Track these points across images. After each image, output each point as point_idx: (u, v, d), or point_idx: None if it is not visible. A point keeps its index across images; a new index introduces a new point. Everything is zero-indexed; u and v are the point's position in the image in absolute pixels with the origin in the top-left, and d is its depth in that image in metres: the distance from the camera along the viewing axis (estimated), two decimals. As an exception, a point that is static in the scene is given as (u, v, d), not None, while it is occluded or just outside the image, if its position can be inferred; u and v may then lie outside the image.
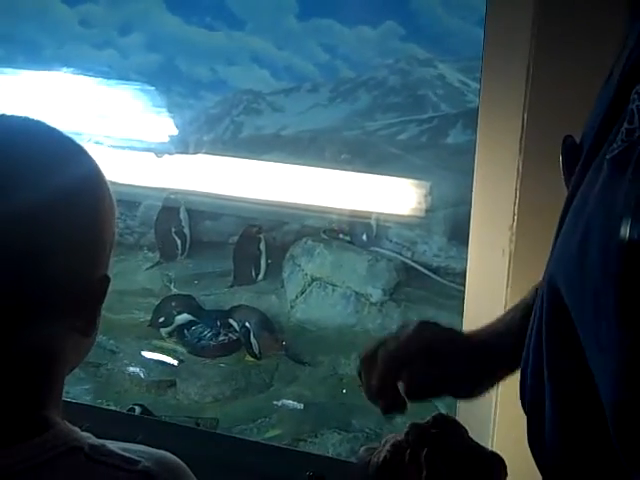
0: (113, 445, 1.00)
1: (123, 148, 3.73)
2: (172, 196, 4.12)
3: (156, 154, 3.79)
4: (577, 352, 0.82)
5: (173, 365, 3.70)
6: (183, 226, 4.24)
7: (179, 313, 3.89)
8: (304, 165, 3.63)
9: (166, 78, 4.16)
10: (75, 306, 0.97)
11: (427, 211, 3.73)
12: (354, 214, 3.89)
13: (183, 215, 4.22)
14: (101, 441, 1.00)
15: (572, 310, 0.83)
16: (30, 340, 0.94)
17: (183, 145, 3.87)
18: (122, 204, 3.99)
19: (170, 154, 3.79)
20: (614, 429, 0.77)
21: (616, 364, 0.75)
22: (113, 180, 1.01)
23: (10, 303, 0.90)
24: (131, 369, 3.68)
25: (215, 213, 4.26)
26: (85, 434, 1.00)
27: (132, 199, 4.24)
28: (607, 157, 0.81)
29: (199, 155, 3.84)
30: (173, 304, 3.91)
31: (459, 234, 3.60)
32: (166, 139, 3.87)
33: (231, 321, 3.82)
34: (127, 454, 0.98)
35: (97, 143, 3.57)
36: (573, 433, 0.89)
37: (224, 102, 4.33)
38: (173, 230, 4.24)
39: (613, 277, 0.74)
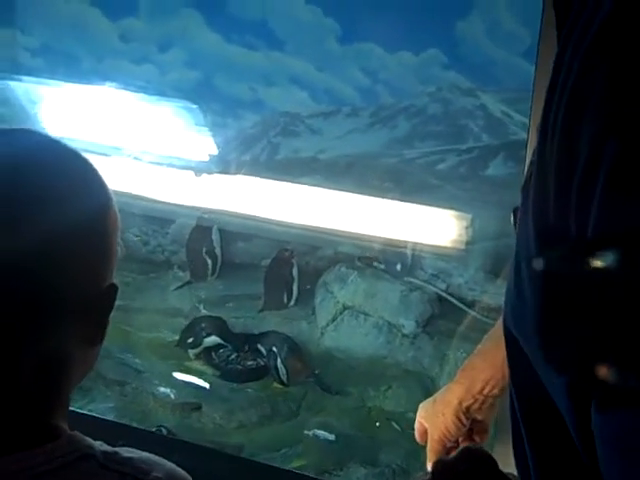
0: (126, 453, 1.03)
1: (159, 164, 3.69)
2: (205, 215, 4.10)
3: (195, 172, 3.75)
4: (548, 405, 0.79)
5: (199, 388, 3.69)
6: (215, 246, 4.23)
7: (208, 335, 3.89)
8: (340, 190, 3.58)
9: (204, 96, 4.16)
10: (85, 316, 1.00)
11: (464, 243, 3.66)
12: (389, 242, 3.83)
13: (215, 235, 4.21)
14: (114, 449, 1.03)
15: (523, 346, 0.81)
16: (41, 349, 0.97)
17: (219, 165, 3.83)
18: (155, 221, 4.22)
19: (207, 173, 3.76)
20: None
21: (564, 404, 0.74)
22: (148, 196, 1.00)
23: (22, 313, 0.94)
24: (156, 389, 3.67)
25: (248, 234, 4.26)
26: (97, 442, 1.03)
27: (165, 216, 4.26)
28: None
29: (234, 175, 3.82)
30: (202, 325, 3.92)
31: (496, 268, 3.60)
32: (202, 158, 3.81)
33: (259, 346, 3.83)
34: (139, 463, 1.02)
35: (135, 159, 3.57)
36: None
37: (262, 123, 4.34)
38: (204, 250, 4.23)
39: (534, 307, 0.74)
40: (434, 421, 1.52)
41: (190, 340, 3.91)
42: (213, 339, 3.90)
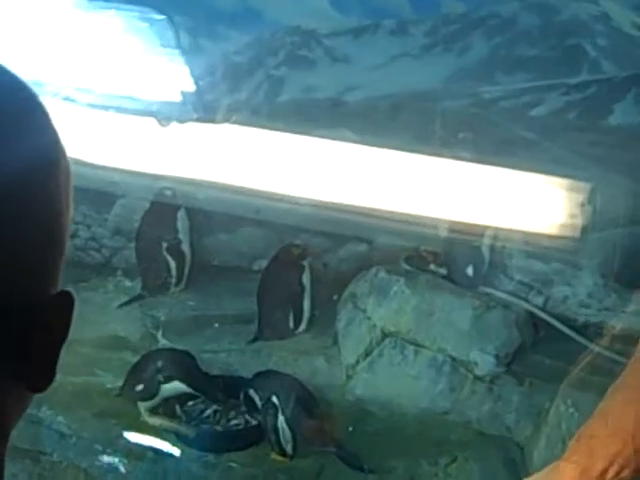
0: None
1: (101, 108, 3.13)
2: (167, 191, 3.94)
3: (158, 121, 3.51)
4: None
5: (154, 462, 3.56)
6: (181, 239, 4.09)
7: (167, 379, 3.71)
8: (377, 147, 2.90)
9: (171, 6, 3.69)
10: (17, 343, 0.90)
11: (575, 231, 2.94)
12: (455, 230, 3.42)
13: (182, 222, 4.07)
14: None
15: None
16: None
17: (193, 110, 3.44)
18: (89, 199, 4.00)
19: (174, 122, 3.39)
20: None
21: None
22: (79, 158, 1.10)
23: None
24: (89, 463, 3.57)
25: (233, 220, 4.06)
26: None
27: (104, 192, 3.93)
28: None
29: (214, 126, 3.16)
30: (159, 364, 3.74)
31: (625, 271, 3.56)
32: (168, 99, 3.54)
33: (252, 394, 3.66)
34: None
35: (66, 99, 3.08)
36: None
37: (255, 45, 4.09)
38: (165, 245, 4.09)
39: None
40: None
41: (140, 387, 3.73)
42: (176, 386, 3.72)
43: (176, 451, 3.60)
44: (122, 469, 3.56)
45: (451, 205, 3.11)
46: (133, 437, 3.65)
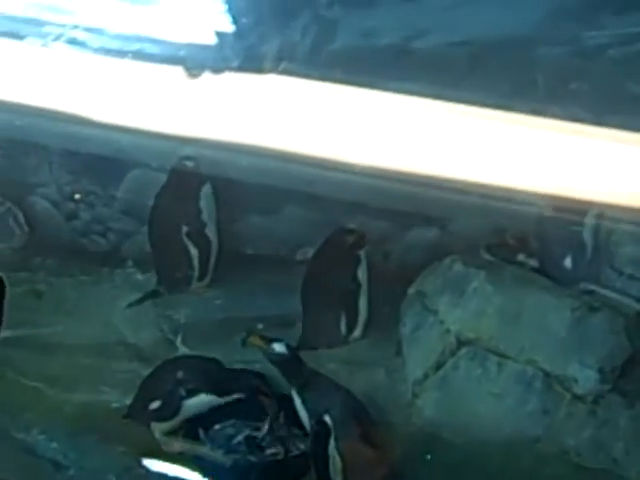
0: None
1: (118, 55, 3.55)
2: (188, 161, 3.96)
3: (187, 69, 3.60)
4: None
5: None
6: (205, 222, 4.10)
7: (192, 393, 3.71)
8: (454, 104, 3.32)
9: None
10: None
11: None
12: (550, 208, 3.64)
13: (207, 200, 4.09)
14: None
15: None
16: None
17: (226, 56, 3.69)
18: (90, 171, 4.05)
19: (196, 72, 3.58)
20: None
21: None
22: (80, 115, 1.06)
23: None
24: None
25: (272, 197, 4.05)
26: None
27: (111, 161, 4.00)
28: None
29: (250, 78, 3.62)
30: (179, 375, 3.74)
31: None
32: (195, 41, 3.70)
33: (299, 407, 3.61)
34: None
35: (71, 43, 3.45)
36: None
37: None
38: (185, 230, 4.09)
39: None
40: None
41: (156, 404, 3.74)
42: (203, 400, 3.71)
43: (203, 484, 3.77)
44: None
45: (544, 177, 3.31)
46: (148, 470, 3.62)
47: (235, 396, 3.80)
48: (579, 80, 3.76)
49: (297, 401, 3.66)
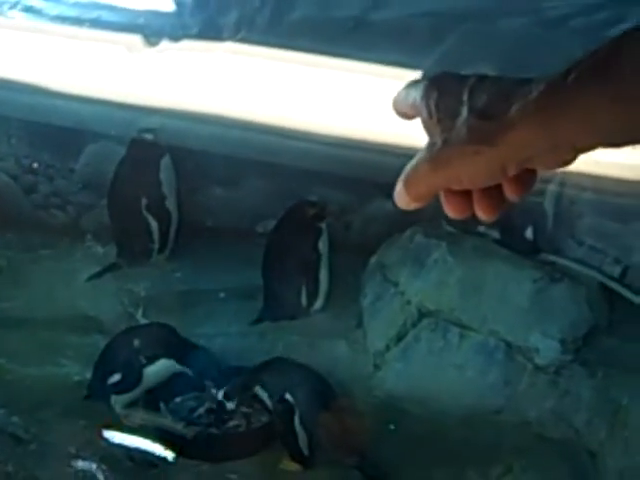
0: None
1: (75, 23, 3.61)
2: (146, 133, 3.96)
3: (145, 37, 3.67)
4: None
5: (135, 473, 3.58)
6: (165, 195, 4.12)
7: (150, 361, 3.74)
8: (411, 70, 3.44)
9: None
10: None
11: None
12: None
13: (166, 171, 4.09)
14: None
15: None
16: None
17: (185, 23, 3.72)
18: (48, 143, 4.04)
19: (154, 40, 3.66)
20: None
21: None
22: (37, 84, 0.99)
23: None
24: (51, 474, 3.66)
25: (232, 169, 4.06)
26: None
27: (70, 132, 4.01)
28: None
29: (207, 46, 3.69)
30: (136, 344, 3.77)
31: None
32: (153, 8, 3.75)
33: (257, 389, 3.68)
34: None
35: (27, 11, 3.52)
36: None
37: None
38: (145, 202, 4.11)
39: None
40: None
41: (117, 377, 3.75)
42: (165, 365, 3.73)
43: (164, 457, 3.60)
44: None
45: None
46: (109, 442, 3.64)
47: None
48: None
49: (257, 388, 3.69)
